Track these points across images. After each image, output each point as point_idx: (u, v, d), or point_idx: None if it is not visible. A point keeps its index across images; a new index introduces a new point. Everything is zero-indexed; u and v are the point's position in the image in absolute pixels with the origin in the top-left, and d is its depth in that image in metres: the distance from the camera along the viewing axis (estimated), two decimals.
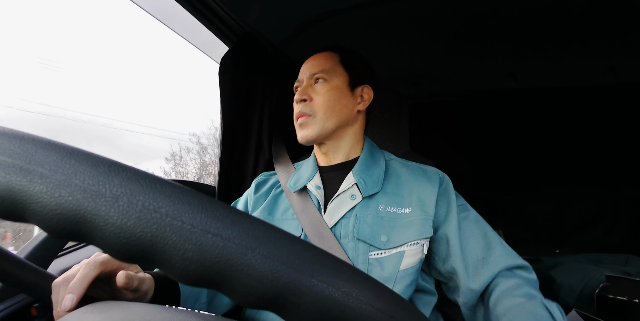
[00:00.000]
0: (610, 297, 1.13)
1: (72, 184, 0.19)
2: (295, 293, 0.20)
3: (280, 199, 0.82)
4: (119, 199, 0.19)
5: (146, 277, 0.52)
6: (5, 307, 0.63)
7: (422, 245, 0.69)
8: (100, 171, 0.20)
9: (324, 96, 0.77)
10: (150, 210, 0.19)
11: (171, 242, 0.19)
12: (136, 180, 0.20)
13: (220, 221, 0.20)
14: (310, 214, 0.73)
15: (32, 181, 0.19)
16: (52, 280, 0.44)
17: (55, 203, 0.19)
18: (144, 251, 0.19)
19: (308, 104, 0.77)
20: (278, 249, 0.20)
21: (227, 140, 1.04)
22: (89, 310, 0.32)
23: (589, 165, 1.72)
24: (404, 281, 0.67)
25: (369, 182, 0.74)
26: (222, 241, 0.19)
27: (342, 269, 0.21)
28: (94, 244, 0.20)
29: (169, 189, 0.20)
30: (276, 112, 1.17)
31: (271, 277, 0.19)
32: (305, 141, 0.78)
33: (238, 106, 1.07)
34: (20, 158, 0.20)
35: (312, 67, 0.80)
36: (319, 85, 0.78)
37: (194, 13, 0.93)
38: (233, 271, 0.19)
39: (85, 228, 0.19)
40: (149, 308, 0.29)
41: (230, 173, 1.07)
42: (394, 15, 1.00)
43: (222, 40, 1.06)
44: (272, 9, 0.98)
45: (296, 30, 1.08)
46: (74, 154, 0.20)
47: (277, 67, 1.17)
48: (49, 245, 0.75)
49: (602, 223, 1.70)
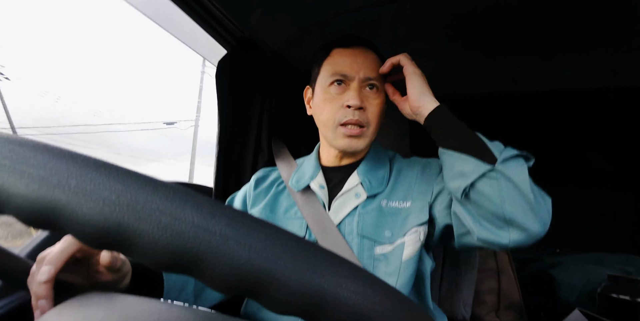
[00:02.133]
0: (612, 296, 1.13)
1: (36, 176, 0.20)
2: (269, 279, 0.20)
3: (282, 197, 0.80)
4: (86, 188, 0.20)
5: (126, 260, 0.51)
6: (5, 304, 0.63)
7: (419, 233, 0.68)
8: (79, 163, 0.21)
9: (378, 107, 0.72)
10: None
11: (142, 228, 0.20)
12: (104, 172, 0.21)
13: (197, 210, 0.20)
14: (315, 212, 0.73)
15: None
16: (26, 264, 0.43)
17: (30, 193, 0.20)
18: (111, 236, 0.20)
19: (364, 113, 0.70)
20: (251, 234, 0.21)
21: (225, 142, 1.04)
22: (87, 303, 0.31)
23: (589, 165, 1.72)
24: (406, 272, 0.66)
25: (374, 182, 0.73)
26: (193, 227, 0.20)
27: (317, 254, 0.21)
28: (67, 232, 0.21)
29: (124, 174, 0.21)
30: (276, 116, 1.17)
31: (245, 262, 0.20)
32: (352, 151, 0.73)
33: (236, 108, 1.06)
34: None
35: (365, 68, 0.71)
36: (373, 93, 0.72)
37: (192, 17, 0.93)
38: (204, 256, 0.20)
39: (58, 218, 0.20)
40: (151, 303, 0.29)
41: (228, 175, 1.07)
42: (393, 18, 1.00)
43: (221, 44, 1.07)
44: (272, 13, 0.98)
45: (295, 35, 1.08)
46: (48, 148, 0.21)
47: (277, 71, 1.18)
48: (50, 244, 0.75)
49: (603, 222, 1.70)
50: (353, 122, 0.69)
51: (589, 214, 1.72)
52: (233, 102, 1.05)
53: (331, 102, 0.72)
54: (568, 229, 1.74)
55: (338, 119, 0.70)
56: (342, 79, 0.71)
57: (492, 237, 0.59)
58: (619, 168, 1.69)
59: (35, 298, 0.39)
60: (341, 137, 0.71)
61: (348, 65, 0.71)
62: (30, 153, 0.21)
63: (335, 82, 0.72)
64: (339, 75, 0.71)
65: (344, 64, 0.71)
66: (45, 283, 0.39)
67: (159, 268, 0.20)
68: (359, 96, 0.69)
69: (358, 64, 0.71)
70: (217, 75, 1.01)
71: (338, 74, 0.71)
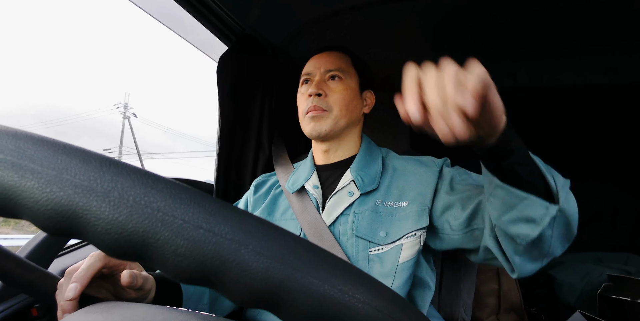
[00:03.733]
0: (613, 297, 1.13)
1: (62, 180, 0.19)
2: (289, 291, 0.19)
3: (279, 200, 0.82)
4: (110, 194, 0.19)
5: (149, 276, 0.53)
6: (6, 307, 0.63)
7: (419, 236, 0.68)
8: (92, 167, 0.20)
9: (340, 93, 0.78)
10: (142, 205, 0.19)
11: (163, 238, 0.19)
12: (127, 175, 0.20)
13: (212, 216, 0.20)
14: (309, 215, 0.74)
15: (24, 176, 0.19)
16: (53, 279, 0.44)
17: (46, 198, 0.19)
18: (135, 247, 0.19)
19: (323, 99, 0.77)
20: (272, 245, 0.20)
21: (225, 138, 1.04)
22: (91, 310, 0.31)
23: (590, 164, 1.72)
24: (403, 274, 0.66)
25: (366, 179, 0.74)
26: (214, 237, 0.19)
27: (337, 266, 0.21)
28: (86, 240, 0.20)
29: (160, 184, 0.20)
30: (276, 111, 1.17)
31: (265, 274, 0.19)
32: (316, 135, 0.77)
33: (236, 104, 1.07)
34: (12, 154, 0.20)
35: (326, 63, 0.80)
36: (335, 82, 0.79)
37: (193, 13, 0.93)
38: (226, 268, 0.19)
39: (78, 224, 0.19)
40: (150, 308, 0.29)
41: (229, 171, 1.07)
42: (393, 15, 1.00)
43: (221, 40, 1.07)
44: (272, 10, 0.98)
45: (296, 31, 1.08)
46: (66, 150, 0.20)
47: (277, 67, 1.17)
48: (49, 245, 0.75)
49: (603, 222, 1.70)
50: (312, 108, 0.77)
51: (589, 214, 1.72)
52: (234, 98, 1.05)
53: (300, 98, 0.82)
54: None
55: (303, 109, 0.79)
56: (308, 77, 0.82)
57: (520, 268, 0.54)
58: (619, 167, 1.69)
59: (62, 311, 0.40)
60: (307, 122, 0.78)
61: (312, 65, 0.82)
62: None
63: (304, 82, 0.83)
64: (305, 75, 0.83)
65: (309, 66, 0.83)
66: (71, 300, 0.41)
67: (183, 280, 0.20)
68: (317, 85, 0.78)
69: (320, 62, 0.81)
70: (218, 71, 1.01)
71: (305, 75, 0.83)
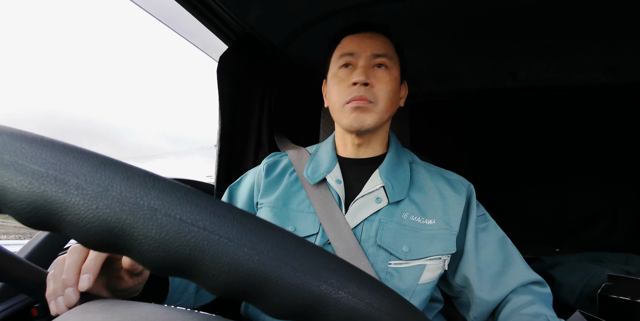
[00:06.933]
0: (613, 297, 1.13)
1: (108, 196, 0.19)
2: (324, 305, 0.20)
3: (294, 187, 0.75)
4: (157, 211, 0.19)
5: None
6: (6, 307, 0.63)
7: (443, 261, 0.66)
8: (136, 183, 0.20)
9: (387, 85, 0.69)
10: (188, 223, 0.19)
11: (209, 256, 0.19)
12: (172, 192, 0.20)
13: (255, 235, 0.20)
14: (330, 211, 0.68)
15: (69, 192, 0.19)
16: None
17: (92, 215, 0.19)
18: (182, 264, 0.19)
19: (370, 89, 0.68)
20: (308, 262, 0.21)
21: (226, 138, 1.04)
22: (89, 309, 0.31)
23: (590, 164, 1.72)
24: (421, 295, 0.64)
25: (396, 186, 0.69)
26: (257, 255, 0.20)
27: (364, 280, 0.22)
28: (130, 256, 0.20)
29: (204, 201, 0.21)
30: (276, 111, 1.17)
31: (302, 289, 0.20)
32: (357, 127, 0.69)
33: (236, 104, 1.06)
34: (55, 168, 0.20)
35: (373, 46, 0.70)
36: (382, 71, 0.70)
37: (193, 13, 0.93)
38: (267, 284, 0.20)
39: (124, 241, 0.19)
40: (150, 308, 0.29)
41: (229, 171, 1.07)
42: (393, 15, 1.00)
43: (221, 40, 1.06)
44: (272, 9, 0.97)
45: (296, 31, 1.08)
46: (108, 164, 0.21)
47: (277, 67, 1.17)
48: (49, 245, 0.75)
49: (603, 222, 1.70)
50: (357, 98, 0.67)
51: (589, 213, 1.72)
52: (234, 97, 1.05)
53: (339, 85, 0.71)
54: (568, 228, 1.74)
55: (344, 98, 0.69)
56: (349, 60, 0.71)
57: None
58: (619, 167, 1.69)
59: (68, 302, 0.38)
60: (348, 113, 0.69)
61: (355, 45, 0.71)
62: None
63: (343, 66, 0.72)
64: (346, 55, 0.71)
65: (350, 46, 0.71)
66: (85, 291, 0.39)
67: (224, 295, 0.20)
68: (364, 72, 0.68)
69: (365, 43, 0.70)
70: (218, 70, 1.01)
71: (345, 55, 0.71)
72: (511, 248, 0.70)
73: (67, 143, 0.21)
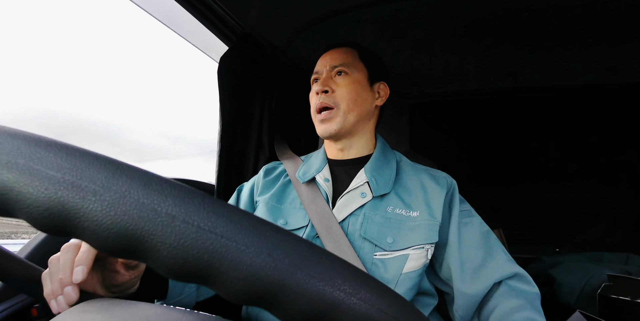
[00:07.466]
0: (613, 297, 1.13)
1: (126, 203, 0.19)
2: (337, 311, 0.20)
3: (288, 188, 0.82)
4: (175, 218, 0.19)
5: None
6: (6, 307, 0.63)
7: (426, 250, 0.69)
8: (153, 189, 0.20)
9: (346, 88, 0.77)
10: (206, 231, 0.19)
11: (227, 263, 0.19)
12: (189, 199, 0.20)
13: (271, 242, 0.20)
14: (318, 207, 0.73)
15: (86, 198, 0.19)
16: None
17: (110, 221, 0.19)
18: (200, 271, 0.19)
19: (330, 95, 0.77)
20: (322, 268, 0.21)
21: (226, 138, 1.04)
22: (88, 309, 0.31)
23: (590, 164, 1.72)
24: (405, 284, 0.67)
25: (380, 181, 0.74)
26: (274, 262, 0.20)
27: (375, 286, 0.22)
28: (147, 263, 0.20)
29: (220, 208, 0.21)
30: (276, 111, 1.17)
31: (318, 296, 0.20)
32: (327, 135, 0.77)
33: (237, 104, 1.06)
34: (71, 174, 0.19)
35: (332, 60, 0.80)
36: (341, 78, 0.78)
37: (193, 13, 0.93)
38: (283, 290, 0.20)
39: (143, 248, 0.19)
40: (150, 308, 0.29)
41: (230, 172, 1.07)
42: (393, 15, 1.00)
43: (222, 41, 1.06)
44: (273, 10, 0.98)
45: (296, 31, 1.08)
46: (123, 169, 0.20)
47: (278, 67, 1.17)
48: (49, 245, 0.75)
49: (603, 222, 1.70)
50: (321, 105, 0.77)
51: (589, 214, 1.72)
52: (234, 98, 1.05)
53: (311, 98, 0.82)
54: (568, 228, 1.74)
55: (313, 108, 0.79)
56: (316, 76, 0.82)
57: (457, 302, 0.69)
58: (619, 167, 1.69)
59: (68, 299, 0.38)
60: (318, 124, 0.79)
61: (320, 64, 0.82)
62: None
63: (314, 81, 0.83)
64: (315, 74, 0.82)
65: (317, 66, 0.82)
66: (80, 282, 0.39)
67: (240, 301, 0.21)
68: (322, 82, 0.78)
69: (326, 60, 0.81)
70: (219, 71, 1.01)
71: (314, 74, 0.83)
72: (494, 242, 0.71)
73: (81, 148, 0.21)
